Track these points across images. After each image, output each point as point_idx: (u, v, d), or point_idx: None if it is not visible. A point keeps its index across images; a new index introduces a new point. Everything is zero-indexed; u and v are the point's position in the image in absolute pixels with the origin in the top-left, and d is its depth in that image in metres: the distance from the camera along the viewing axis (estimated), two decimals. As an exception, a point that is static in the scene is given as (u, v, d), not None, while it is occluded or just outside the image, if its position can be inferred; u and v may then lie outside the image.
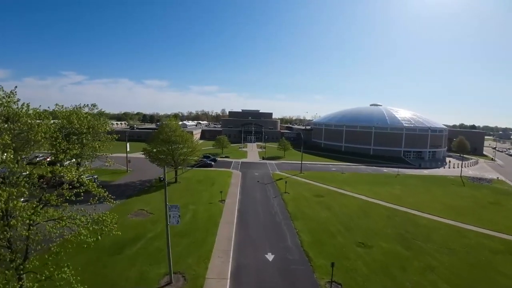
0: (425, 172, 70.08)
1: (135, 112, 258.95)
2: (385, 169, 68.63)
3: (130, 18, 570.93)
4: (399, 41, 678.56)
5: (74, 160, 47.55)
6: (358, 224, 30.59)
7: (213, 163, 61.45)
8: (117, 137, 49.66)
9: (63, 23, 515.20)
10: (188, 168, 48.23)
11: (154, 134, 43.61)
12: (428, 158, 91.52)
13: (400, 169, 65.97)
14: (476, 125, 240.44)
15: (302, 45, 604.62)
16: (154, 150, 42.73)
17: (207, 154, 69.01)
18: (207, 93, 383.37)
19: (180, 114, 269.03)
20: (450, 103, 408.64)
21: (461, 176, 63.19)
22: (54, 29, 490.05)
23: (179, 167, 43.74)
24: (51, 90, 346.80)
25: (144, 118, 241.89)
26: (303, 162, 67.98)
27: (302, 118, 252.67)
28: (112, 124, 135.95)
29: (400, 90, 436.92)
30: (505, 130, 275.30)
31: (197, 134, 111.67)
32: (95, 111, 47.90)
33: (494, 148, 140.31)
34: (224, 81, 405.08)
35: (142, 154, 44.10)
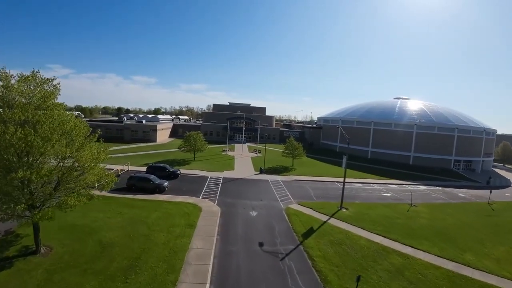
0: (508, 194, 45.59)
1: (116, 107, 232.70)
2: (460, 193, 42.09)
3: (119, 11, 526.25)
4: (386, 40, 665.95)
5: None
6: None
7: (166, 183, 31.16)
8: None
9: (50, 14, 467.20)
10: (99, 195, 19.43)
11: None
12: (480, 169, 67.00)
13: (480, 192, 39.39)
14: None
15: (293, 44, 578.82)
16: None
17: (161, 164, 38.32)
18: (195, 91, 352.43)
19: (162, 109, 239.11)
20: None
21: None
22: (40, 21, 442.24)
23: (43, 214, 14.80)
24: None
25: (120, 111, 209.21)
26: (324, 179, 41.46)
27: (293, 118, 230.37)
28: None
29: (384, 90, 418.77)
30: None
31: (165, 129, 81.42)
32: None
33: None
34: (213, 80, 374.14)
35: None
